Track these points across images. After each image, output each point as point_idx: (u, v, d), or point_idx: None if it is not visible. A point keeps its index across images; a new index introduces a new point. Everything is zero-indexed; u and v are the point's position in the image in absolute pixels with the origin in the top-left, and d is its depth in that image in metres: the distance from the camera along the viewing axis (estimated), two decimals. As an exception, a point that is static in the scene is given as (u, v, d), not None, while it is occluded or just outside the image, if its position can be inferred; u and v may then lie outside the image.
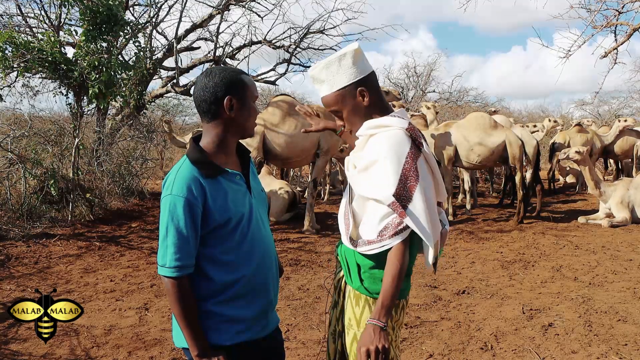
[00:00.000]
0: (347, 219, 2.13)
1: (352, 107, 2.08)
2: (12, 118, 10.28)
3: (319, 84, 2.10)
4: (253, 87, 2.06)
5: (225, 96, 1.98)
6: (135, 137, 11.59)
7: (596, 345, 4.28)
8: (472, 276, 6.24)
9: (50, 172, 8.22)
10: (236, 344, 2.02)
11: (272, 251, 2.16)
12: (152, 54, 12.02)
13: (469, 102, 22.30)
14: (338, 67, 2.05)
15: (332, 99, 2.09)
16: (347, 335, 2.15)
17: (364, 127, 2.08)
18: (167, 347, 4.25)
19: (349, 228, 2.11)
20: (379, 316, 1.93)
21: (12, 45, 8.14)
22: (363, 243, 2.05)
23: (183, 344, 2.05)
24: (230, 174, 2.03)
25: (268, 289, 2.12)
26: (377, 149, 2.01)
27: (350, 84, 2.06)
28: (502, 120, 11.67)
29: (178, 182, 1.93)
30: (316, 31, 12.94)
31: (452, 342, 4.36)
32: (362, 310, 2.10)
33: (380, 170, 1.98)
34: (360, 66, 2.07)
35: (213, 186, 1.96)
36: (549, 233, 8.68)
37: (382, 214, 2.02)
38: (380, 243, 2.01)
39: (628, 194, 9.30)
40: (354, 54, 2.05)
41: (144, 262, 6.79)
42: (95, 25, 8.77)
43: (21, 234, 7.44)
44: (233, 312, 2.02)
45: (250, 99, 2.04)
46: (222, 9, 12.23)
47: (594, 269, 6.52)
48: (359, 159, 2.09)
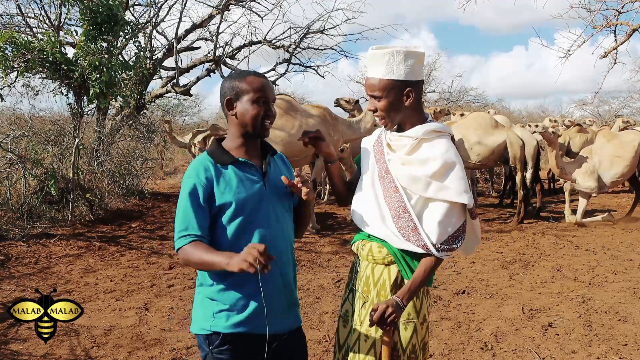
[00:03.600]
0: (408, 220, 2.13)
1: (393, 100, 2.14)
2: (12, 118, 10.28)
3: (376, 64, 2.13)
4: (256, 87, 2.13)
5: (226, 98, 2.15)
6: (135, 137, 11.60)
7: (596, 345, 4.28)
8: (472, 276, 6.24)
9: (50, 172, 8.22)
10: (235, 334, 2.10)
11: (280, 247, 2.17)
12: (152, 54, 12.03)
13: (469, 102, 22.27)
14: (402, 60, 2.10)
15: (381, 85, 2.13)
16: (404, 330, 2.18)
17: (419, 131, 2.15)
18: (167, 347, 4.25)
19: (416, 229, 2.12)
20: (404, 297, 2.08)
21: (12, 45, 8.14)
22: (443, 249, 2.13)
23: (196, 330, 2.18)
24: (243, 164, 2.15)
25: (272, 287, 2.13)
26: (443, 153, 2.12)
27: (404, 80, 2.12)
28: (503, 120, 11.68)
29: (190, 167, 2.15)
30: (316, 31, 12.93)
31: (452, 342, 4.36)
32: (420, 301, 2.22)
33: (457, 175, 2.11)
34: (418, 69, 2.15)
35: (222, 172, 2.12)
36: (549, 233, 8.68)
37: (455, 217, 2.14)
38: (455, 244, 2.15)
39: (592, 162, 9.30)
40: (419, 57, 2.13)
41: (144, 262, 6.79)
42: (95, 25, 8.76)
43: (21, 234, 7.44)
44: (229, 302, 2.11)
45: (250, 98, 2.12)
46: (222, 9, 12.23)
47: (594, 269, 6.52)
48: (418, 163, 2.14)
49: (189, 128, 19.92)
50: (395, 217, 2.14)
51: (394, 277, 2.20)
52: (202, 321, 2.15)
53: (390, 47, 2.13)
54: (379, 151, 2.27)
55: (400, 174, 2.16)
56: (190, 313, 4.94)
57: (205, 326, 2.13)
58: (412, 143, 2.15)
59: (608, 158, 9.29)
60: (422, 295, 2.22)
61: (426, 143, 2.15)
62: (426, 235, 2.10)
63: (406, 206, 2.12)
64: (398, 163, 2.18)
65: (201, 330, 2.15)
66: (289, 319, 2.24)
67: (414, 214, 2.12)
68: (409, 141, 2.16)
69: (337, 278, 6.02)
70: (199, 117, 25.13)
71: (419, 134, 2.14)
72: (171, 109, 20.96)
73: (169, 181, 15.41)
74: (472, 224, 2.22)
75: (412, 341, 2.18)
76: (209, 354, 2.14)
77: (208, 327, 2.12)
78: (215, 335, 2.11)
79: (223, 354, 2.11)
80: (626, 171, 9.34)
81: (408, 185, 2.14)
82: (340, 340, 2.30)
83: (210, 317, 2.12)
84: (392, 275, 2.20)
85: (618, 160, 9.26)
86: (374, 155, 2.28)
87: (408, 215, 2.12)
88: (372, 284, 2.22)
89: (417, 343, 2.19)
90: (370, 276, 2.24)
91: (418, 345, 2.19)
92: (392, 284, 2.19)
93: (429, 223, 2.12)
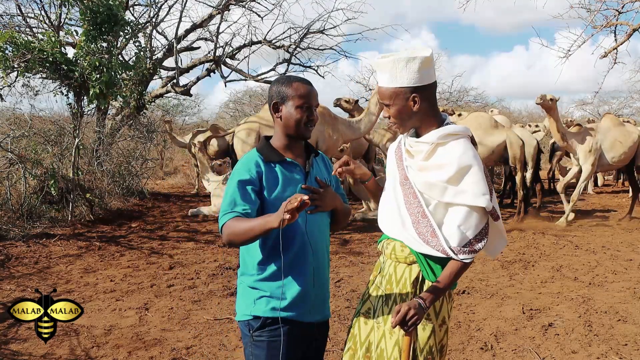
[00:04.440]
0: (427, 226, 2.15)
1: (401, 107, 2.17)
2: (12, 118, 10.28)
3: (381, 73, 2.17)
4: (300, 93, 2.26)
5: (273, 101, 2.30)
6: (135, 137, 11.60)
7: (596, 345, 4.28)
8: (472, 276, 6.24)
9: (50, 172, 8.22)
10: (275, 318, 2.22)
11: (317, 242, 2.31)
12: (152, 54, 12.04)
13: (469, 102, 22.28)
14: (404, 67, 2.11)
15: (387, 93, 2.17)
16: (422, 331, 2.20)
17: (433, 136, 2.15)
18: (167, 347, 4.25)
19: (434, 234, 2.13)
20: (427, 299, 2.09)
21: (12, 45, 8.14)
22: (464, 252, 2.12)
23: (238, 317, 2.32)
24: (289, 163, 2.30)
25: (305, 278, 2.27)
26: (458, 156, 2.11)
27: (407, 87, 2.13)
28: (503, 120, 11.68)
29: (240, 161, 2.29)
30: (316, 31, 12.94)
31: (452, 342, 4.35)
32: (441, 303, 2.22)
33: (474, 178, 2.10)
34: (423, 73, 2.13)
35: (269, 169, 2.26)
36: (549, 233, 8.68)
37: (475, 220, 2.13)
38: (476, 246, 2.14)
39: (596, 140, 9.39)
40: (422, 61, 2.11)
41: (144, 262, 6.79)
42: (95, 25, 8.77)
43: (21, 234, 7.44)
44: (270, 289, 2.23)
45: (295, 103, 2.25)
46: (222, 9, 12.23)
47: (594, 269, 6.52)
48: (434, 168, 2.15)
49: (189, 128, 19.93)
50: (415, 222, 2.16)
51: (415, 276, 2.22)
52: (244, 308, 2.29)
53: (394, 55, 2.14)
54: (398, 157, 2.30)
55: (417, 180, 2.18)
56: (190, 313, 4.96)
57: (246, 312, 2.27)
58: (428, 149, 2.16)
59: (610, 140, 9.45)
60: (443, 298, 2.22)
61: (441, 147, 2.15)
62: (445, 239, 2.11)
63: (425, 212, 2.15)
64: (415, 169, 2.20)
65: (243, 316, 2.29)
66: (324, 310, 2.40)
67: (432, 219, 2.14)
68: (424, 147, 2.17)
69: (337, 278, 6.02)
70: (199, 117, 25.17)
71: (434, 139, 2.15)
72: (171, 109, 20.98)
73: (168, 181, 15.43)
74: (496, 226, 2.23)
75: (430, 342, 2.19)
76: (249, 339, 2.27)
77: (249, 312, 2.26)
78: (255, 319, 2.24)
79: (262, 336, 2.23)
80: (622, 158, 9.56)
81: (426, 191, 2.16)
82: (362, 337, 2.31)
83: (252, 304, 2.26)
84: (414, 274, 2.23)
85: (619, 145, 9.44)
86: (395, 161, 2.31)
87: (427, 221, 2.14)
88: (395, 282, 2.26)
89: (435, 345, 2.20)
90: (392, 274, 2.27)
91: (435, 347, 2.20)
92: (412, 282, 2.22)
93: (448, 227, 2.13)
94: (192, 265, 6.68)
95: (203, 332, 4.56)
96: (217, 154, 12.28)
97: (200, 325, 4.72)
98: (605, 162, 9.56)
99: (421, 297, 2.08)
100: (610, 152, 9.46)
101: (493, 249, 2.31)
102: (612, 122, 9.81)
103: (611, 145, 9.43)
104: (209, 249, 7.53)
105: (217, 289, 5.69)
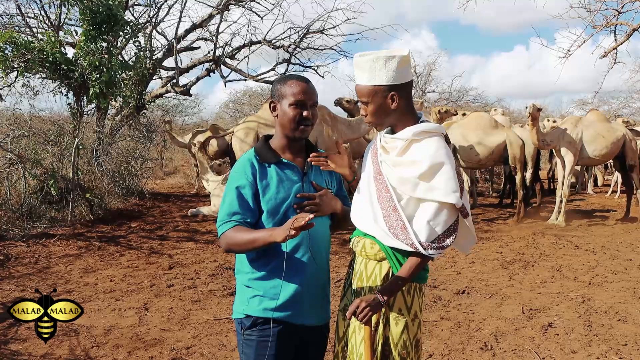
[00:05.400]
0: (397, 220, 2.18)
1: (379, 105, 2.19)
2: (12, 118, 10.28)
3: (360, 71, 2.20)
4: (294, 91, 2.24)
5: (271, 100, 2.31)
6: (135, 137, 11.61)
7: (596, 345, 4.28)
8: (471, 276, 6.24)
9: (50, 172, 8.22)
10: (266, 319, 2.22)
11: (316, 247, 2.30)
12: (152, 53, 12.03)
13: (469, 102, 22.29)
14: (383, 65, 2.15)
15: (365, 91, 2.20)
16: (395, 325, 2.22)
17: (408, 133, 2.18)
18: (167, 347, 4.25)
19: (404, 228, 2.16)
20: (384, 293, 2.12)
21: (12, 45, 8.14)
22: (432, 247, 2.14)
23: (233, 316, 2.33)
24: (285, 164, 2.28)
25: (301, 280, 2.25)
26: (431, 154, 2.14)
27: (386, 85, 2.17)
28: (503, 120, 11.68)
29: (237, 163, 2.30)
30: (316, 31, 12.93)
31: (452, 342, 4.36)
32: (412, 298, 2.24)
33: (445, 176, 2.13)
34: (401, 72, 2.17)
35: (265, 170, 2.25)
36: (549, 233, 8.68)
37: (444, 216, 2.16)
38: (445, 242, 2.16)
39: (577, 132, 9.47)
40: (400, 60, 2.16)
41: (144, 262, 6.79)
42: (95, 25, 8.77)
43: (21, 234, 7.43)
44: (263, 289, 2.23)
45: (288, 101, 2.24)
46: (221, 9, 12.23)
47: (594, 269, 6.52)
48: (407, 164, 2.18)
49: (189, 128, 19.92)
50: (386, 216, 2.19)
51: (385, 273, 2.25)
52: (238, 306, 2.29)
53: (373, 54, 2.18)
54: (373, 153, 2.33)
55: (391, 175, 2.22)
56: (190, 313, 4.96)
57: (239, 310, 2.28)
58: (402, 145, 2.20)
59: (592, 133, 9.52)
60: (414, 292, 2.25)
61: (416, 144, 2.20)
62: (414, 234, 2.14)
63: (396, 206, 2.18)
64: (389, 164, 2.24)
65: (236, 314, 2.30)
66: (320, 313, 2.37)
67: (402, 214, 2.17)
68: (399, 143, 2.21)
69: (337, 278, 6.02)
70: (199, 117, 25.16)
71: (409, 136, 2.19)
72: (171, 109, 20.96)
73: (168, 181, 15.43)
74: (465, 223, 2.25)
75: (403, 337, 2.21)
76: (240, 337, 2.28)
77: (241, 311, 2.26)
78: (247, 318, 2.25)
79: (252, 335, 2.24)
80: (603, 153, 9.58)
81: (398, 186, 2.19)
82: (340, 332, 2.35)
83: (245, 302, 2.26)
84: (384, 270, 2.25)
85: (601, 139, 9.52)
86: (371, 156, 2.34)
87: (397, 215, 2.17)
88: (365, 279, 2.28)
89: (409, 339, 2.22)
90: (363, 271, 2.30)
91: (409, 341, 2.23)
92: (382, 279, 2.24)
93: (418, 222, 2.16)
94: (191, 265, 6.68)
95: (203, 332, 4.56)
96: (217, 154, 12.28)
97: (200, 325, 4.72)
98: (585, 155, 9.60)
99: (379, 291, 2.13)
100: (591, 145, 9.51)
101: (463, 244, 2.34)
102: (597, 117, 9.93)
103: (593, 138, 9.48)
104: (208, 248, 7.53)
105: (217, 289, 5.69)
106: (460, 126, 10.00)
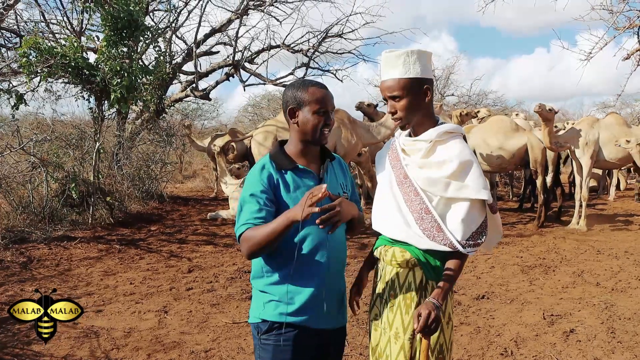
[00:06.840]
0: (431, 221, 2.17)
1: (413, 98, 2.19)
2: (35, 122, 10.44)
3: (390, 67, 2.19)
4: (317, 98, 2.24)
5: (288, 107, 2.28)
6: (155, 141, 11.71)
7: (620, 352, 4.20)
8: (491, 281, 6.18)
9: (71, 176, 8.33)
10: (279, 323, 2.22)
11: (333, 247, 2.29)
12: (172, 58, 12.12)
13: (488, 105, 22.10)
14: (417, 59, 2.17)
15: (400, 84, 2.18)
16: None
17: (432, 134, 2.20)
18: (186, 350, 4.27)
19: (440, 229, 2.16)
20: (439, 297, 2.09)
21: (36, 51, 8.27)
22: (469, 245, 2.15)
23: (250, 320, 2.33)
24: (301, 170, 2.28)
25: (317, 284, 2.24)
26: (458, 153, 2.16)
27: (422, 78, 2.19)
28: (524, 124, 11.57)
29: (253, 169, 2.30)
30: (334, 35, 12.92)
31: (472, 348, 4.31)
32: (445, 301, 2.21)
33: (475, 173, 2.16)
34: (429, 68, 2.23)
35: (281, 176, 2.24)
36: (570, 237, 8.56)
37: (477, 214, 2.18)
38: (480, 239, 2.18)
39: (593, 132, 9.33)
40: (428, 56, 2.22)
41: (163, 265, 6.84)
42: (116, 30, 8.87)
43: (43, 237, 7.54)
44: (279, 293, 2.23)
45: (312, 109, 2.23)
46: (241, 13, 12.29)
47: (617, 275, 6.41)
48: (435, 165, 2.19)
49: (208, 132, 20.07)
50: (419, 219, 2.18)
51: (419, 280, 2.23)
52: (254, 311, 2.30)
53: (402, 49, 2.21)
54: (394, 157, 2.32)
55: (418, 177, 2.21)
56: (209, 316, 4.98)
57: (256, 315, 2.28)
58: (427, 146, 2.21)
59: (609, 136, 9.36)
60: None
61: (440, 145, 2.21)
62: (451, 233, 2.14)
63: (428, 208, 2.17)
64: (415, 167, 2.23)
65: (253, 319, 2.30)
66: (337, 317, 2.38)
67: (436, 215, 2.16)
68: (423, 145, 2.21)
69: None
70: (218, 121, 25.35)
71: (433, 137, 2.19)
72: (190, 113, 21.12)
73: (187, 185, 15.53)
74: (493, 219, 2.28)
75: (440, 341, 2.20)
76: (257, 342, 2.28)
77: (258, 315, 2.27)
78: (264, 322, 2.25)
79: (269, 340, 2.24)
80: (620, 156, 9.40)
81: (427, 188, 2.19)
82: (373, 343, 2.33)
83: (261, 307, 2.26)
84: (417, 277, 2.23)
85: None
86: (390, 162, 2.33)
87: (431, 217, 2.17)
88: (398, 287, 2.26)
89: (445, 342, 2.22)
90: (395, 280, 2.27)
91: (445, 344, 2.22)
92: (417, 286, 2.22)
93: (452, 221, 2.16)
94: (210, 268, 6.71)
95: (222, 336, 4.57)
96: (236, 157, 12.34)
97: (218, 328, 4.73)
98: (602, 158, 9.45)
99: (433, 297, 2.09)
100: (608, 148, 9.36)
101: (488, 242, 2.32)
102: (616, 120, 9.76)
103: (609, 141, 9.32)
104: (227, 252, 7.56)
105: (236, 293, 5.71)
106: (480, 130, 9.92)
